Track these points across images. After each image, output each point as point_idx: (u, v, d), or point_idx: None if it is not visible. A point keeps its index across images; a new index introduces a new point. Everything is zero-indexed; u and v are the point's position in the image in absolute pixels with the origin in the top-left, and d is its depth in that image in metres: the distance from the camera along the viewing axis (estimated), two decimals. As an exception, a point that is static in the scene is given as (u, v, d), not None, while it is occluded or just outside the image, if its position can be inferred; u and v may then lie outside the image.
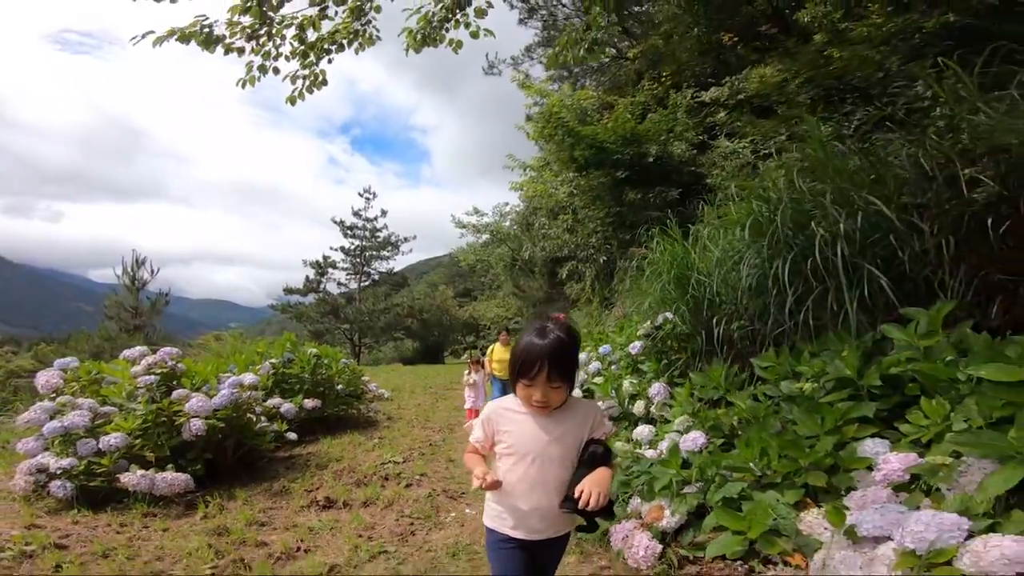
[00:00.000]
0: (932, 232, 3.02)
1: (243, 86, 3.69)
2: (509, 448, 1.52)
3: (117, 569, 2.44)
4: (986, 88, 3.42)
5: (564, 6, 16.33)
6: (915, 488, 1.97)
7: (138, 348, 4.41)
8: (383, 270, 30.94)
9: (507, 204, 19.75)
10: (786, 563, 1.98)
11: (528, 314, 19.16)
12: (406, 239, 30.61)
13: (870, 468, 2.15)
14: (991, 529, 1.64)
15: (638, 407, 4.12)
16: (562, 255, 14.13)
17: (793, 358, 3.10)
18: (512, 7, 15.42)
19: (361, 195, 30.00)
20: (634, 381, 4.49)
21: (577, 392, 5.24)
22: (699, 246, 4.62)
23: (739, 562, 2.05)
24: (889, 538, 1.75)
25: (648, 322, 4.96)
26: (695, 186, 7.49)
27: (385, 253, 30.18)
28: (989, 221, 2.84)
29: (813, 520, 2.03)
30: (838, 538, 1.89)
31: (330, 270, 29.47)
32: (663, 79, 8.97)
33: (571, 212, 10.61)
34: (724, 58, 10.82)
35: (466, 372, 7.40)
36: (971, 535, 1.62)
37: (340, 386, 7.11)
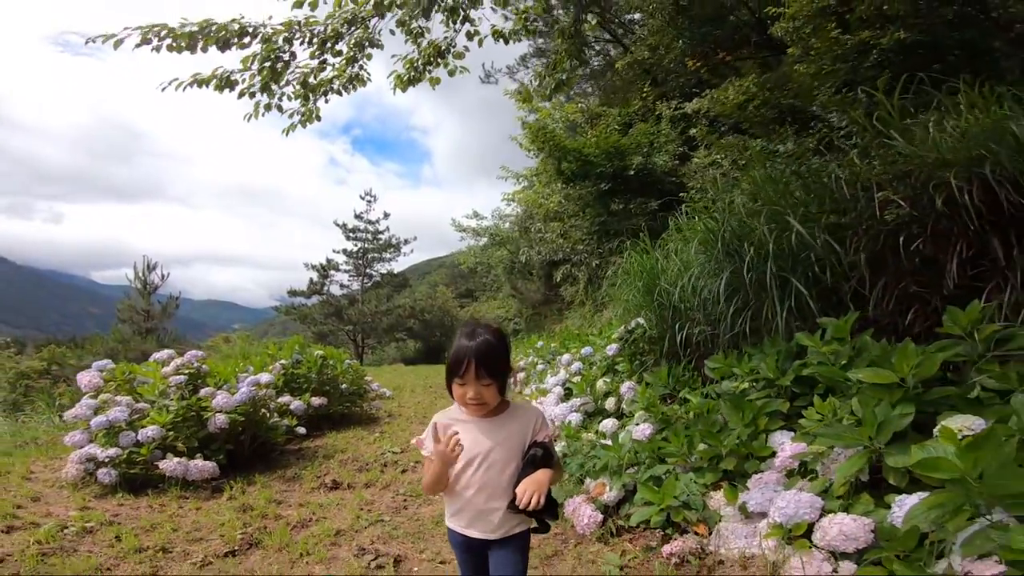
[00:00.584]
0: (855, 249, 3.52)
1: (249, 119, 4.21)
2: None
3: (165, 539, 2.96)
4: (926, 106, 3.91)
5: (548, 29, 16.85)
6: (801, 473, 2.48)
7: (166, 351, 4.94)
8: (385, 272, 31.49)
9: (508, 204, 20.31)
10: (696, 533, 2.50)
11: (527, 315, 19.69)
12: (407, 241, 31.13)
13: (774, 455, 2.66)
14: (843, 509, 2.12)
15: (610, 403, 4.63)
16: (557, 259, 14.67)
17: (736, 360, 3.61)
18: (506, 18, 15.90)
19: (363, 197, 30.52)
20: (608, 380, 5.00)
21: (558, 390, 5.75)
22: (666, 257, 5.14)
23: (659, 530, 2.57)
24: (766, 514, 2.26)
25: (623, 326, 5.49)
26: (675, 196, 8.00)
27: (387, 255, 30.71)
28: (901, 239, 3.35)
29: (719, 498, 2.55)
30: (733, 513, 2.40)
31: (333, 272, 29.99)
32: (645, 95, 9.49)
33: (562, 219, 11.13)
34: (707, 68, 11.33)
35: None
36: (824, 513, 2.12)
37: (344, 385, 7.63)
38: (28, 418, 9.91)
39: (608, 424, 3.84)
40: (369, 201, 30.24)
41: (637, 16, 14.35)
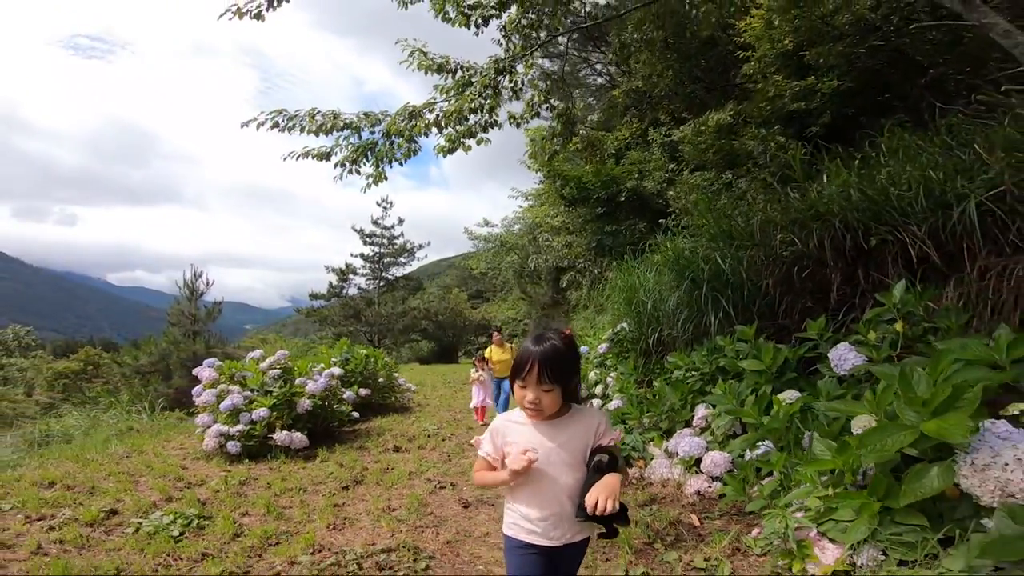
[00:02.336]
0: (767, 275, 4.90)
1: (336, 180, 5.66)
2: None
3: (297, 484, 4.38)
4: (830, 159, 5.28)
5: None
6: (706, 428, 3.89)
7: (257, 351, 6.43)
8: (399, 275, 33.07)
9: (519, 206, 21.71)
10: (639, 467, 3.93)
11: (536, 316, 21.09)
12: (421, 246, 32.69)
13: (692, 418, 4.07)
14: (718, 449, 3.53)
15: (598, 389, 6.07)
16: (563, 265, 16.08)
17: (685, 355, 5.02)
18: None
19: (379, 204, 32.07)
20: (598, 372, 6.43)
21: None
22: (644, 274, 6.56)
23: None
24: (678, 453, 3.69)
25: (611, 329, 6.93)
26: (662, 216, 9.39)
27: (402, 259, 32.27)
28: (795, 269, 4.73)
29: (657, 447, 3.98)
30: (661, 454, 3.83)
31: (351, 276, 31.61)
32: (636, 125, 10.83)
33: (564, 233, 12.56)
34: (694, 98, 12.68)
35: (473, 370, 7.95)
36: (707, 451, 3.54)
37: (381, 379, 9.13)
38: (103, 412, 11.56)
39: (594, 402, 5.28)
40: (385, 208, 31.78)
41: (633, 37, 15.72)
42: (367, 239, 31.83)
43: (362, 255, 31.91)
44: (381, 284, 32.08)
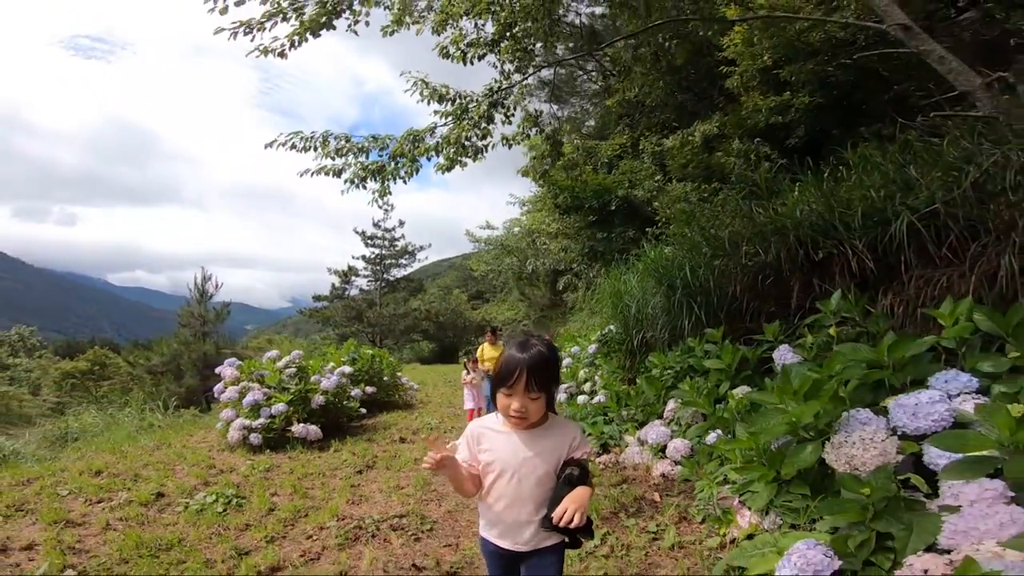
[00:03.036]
0: (734, 282, 5.46)
1: (343, 194, 6.22)
2: (490, 465, 1.60)
3: (317, 469, 4.95)
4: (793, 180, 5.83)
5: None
6: (674, 420, 4.45)
7: (274, 351, 6.99)
8: (401, 276, 33.65)
9: (517, 213, 22.33)
10: (615, 453, 4.49)
11: (535, 317, 21.69)
12: (422, 248, 33.27)
13: (663, 411, 4.63)
14: (681, 436, 4.09)
15: (587, 387, 6.63)
16: (560, 268, 16.66)
17: (664, 355, 5.57)
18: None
19: (380, 206, 32.62)
20: (587, 370, 7.00)
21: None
22: (629, 280, 7.11)
23: (597, 450, 4.57)
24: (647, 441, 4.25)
25: (600, 331, 7.49)
26: (650, 223, 9.94)
27: (403, 261, 32.85)
28: (759, 278, 5.28)
29: (631, 436, 4.54)
30: (635, 442, 4.40)
31: (353, 278, 32.18)
32: (626, 132, 11.35)
33: (560, 238, 13.15)
34: (684, 107, 13.25)
35: (464, 372, 7.75)
36: (672, 439, 4.10)
37: (386, 378, 9.70)
38: (118, 411, 12.12)
39: (581, 398, 5.85)
40: (386, 210, 32.32)
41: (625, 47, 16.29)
42: (368, 241, 32.40)
43: (364, 257, 32.49)
44: (383, 286, 32.65)
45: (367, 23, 5.54)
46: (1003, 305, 2.87)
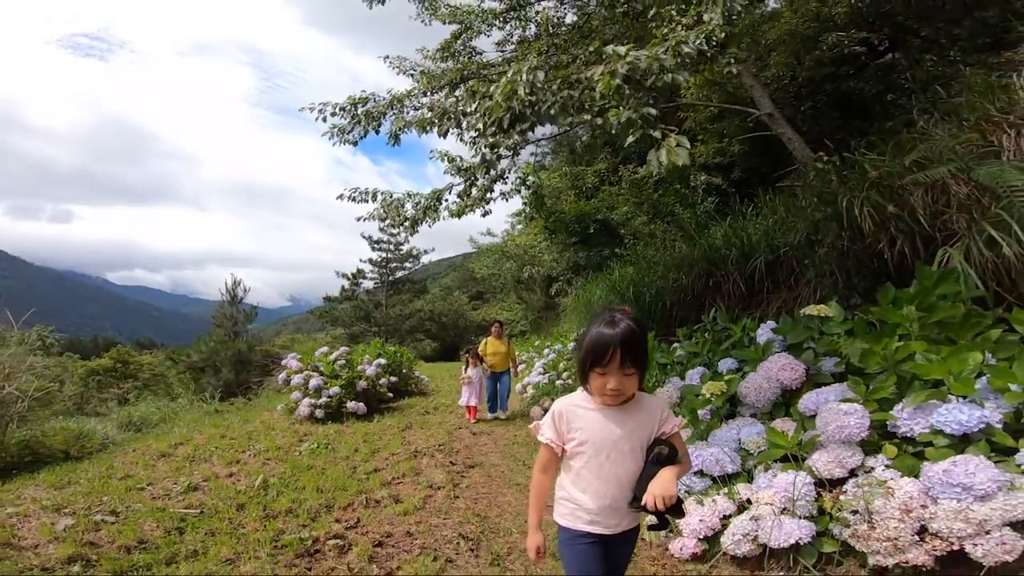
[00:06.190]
0: (669, 297, 7.57)
1: (361, 220, 8.31)
2: (581, 445, 1.57)
3: (372, 432, 7.06)
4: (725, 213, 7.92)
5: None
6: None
7: (324, 347, 9.11)
8: (405, 276, 35.77)
9: (514, 222, 24.44)
10: None
11: (531, 318, 23.77)
12: (425, 251, 35.42)
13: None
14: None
15: (565, 375, 8.75)
16: (553, 275, 18.79)
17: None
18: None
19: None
20: (565, 363, 9.11)
21: (539, 369, 9.94)
22: (597, 292, 9.23)
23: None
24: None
25: (576, 333, 9.61)
26: (623, 243, 12.06)
27: (408, 264, 34.98)
28: (681, 296, 7.38)
29: None
30: None
31: (361, 280, 34.32)
32: (607, 160, 13.50)
33: (553, 250, 15.32)
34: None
35: (463, 368, 8.30)
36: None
37: (405, 370, 11.82)
38: (171, 402, 14.21)
39: (559, 382, 7.99)
40: (393, 218, 34.27)
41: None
42: (375, 245, 34.53)
43: (371, 260, 34.62)
44: (388, 288, 34.75)
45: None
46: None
